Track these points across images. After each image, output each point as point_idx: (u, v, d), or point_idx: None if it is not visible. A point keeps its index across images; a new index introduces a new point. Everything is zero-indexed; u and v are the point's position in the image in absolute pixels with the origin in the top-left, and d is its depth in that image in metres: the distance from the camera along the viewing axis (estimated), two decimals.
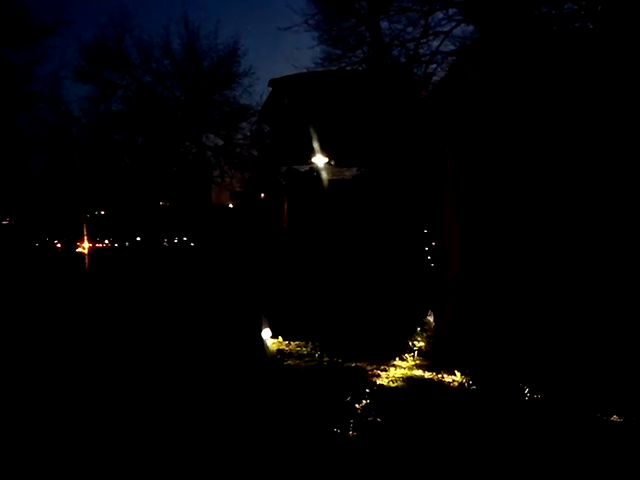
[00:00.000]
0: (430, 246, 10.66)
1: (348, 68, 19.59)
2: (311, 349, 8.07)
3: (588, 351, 6.47)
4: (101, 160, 27.05)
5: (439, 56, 17.42)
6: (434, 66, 17.58)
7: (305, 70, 18.96)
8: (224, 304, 10.60)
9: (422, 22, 17.78)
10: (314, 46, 21.13)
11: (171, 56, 26.66)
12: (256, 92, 26.68)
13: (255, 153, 25.37)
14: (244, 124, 26.69)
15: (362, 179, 12.38)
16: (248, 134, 26.59)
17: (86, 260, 21.84)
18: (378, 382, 6.50)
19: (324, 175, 11.81)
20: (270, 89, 13.25)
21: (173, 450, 4.67)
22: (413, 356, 7.50)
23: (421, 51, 18.24)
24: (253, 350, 7.94)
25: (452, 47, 17.15)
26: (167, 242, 25.35)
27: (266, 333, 8.46)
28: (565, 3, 13.86)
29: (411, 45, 18.43)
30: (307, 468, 4.39)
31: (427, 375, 6.81)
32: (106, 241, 26.18)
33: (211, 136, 27.38)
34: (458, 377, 6.50)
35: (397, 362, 7.32)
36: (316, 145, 11.44)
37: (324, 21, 19.76)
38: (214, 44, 26.52)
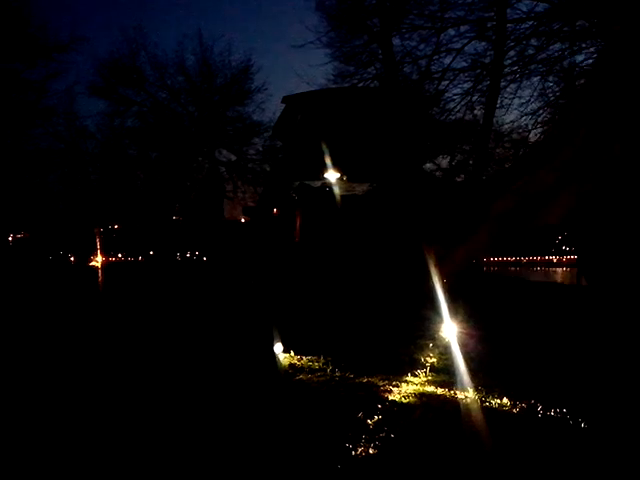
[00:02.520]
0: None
1: (360, 85, 19.75)
2: (323, 364, 8.05)
3: None
4: (115, 175, 27.36)
5: (451, 73, 17.51)
6: (446, 82, 17.64)
7: (318, 87, 19.17)
8: (237, 318, 10.63)
9: (434, 39, 17.90)
10: (326, 63, 21.39)
11: (185, 72, 27.08)
12: (269, 108, 27.22)
13: (267, 168, 25.58)
14: (257, 140, 27.03)
15: (374, 194, 12.44)
16: (261, 149, 26.90)
17: (99, 273, 21.98)
18: (390, 398, 6.48)
19: (336, 190, 11.86)
20: (283, 106, 13.40)
21: (183, 470, 4.69)
22: (425, 372, 7.47)
23: (433, 68, 18.35)
24: (265, 364, 7.95)
25: (464, 64, 17.27)
26: (180, 256, 25.48)
27: (278, 348, 8.48)
28: (577, 20, 13.96)
29: (423, 62, 18.55)
30: None
31: (439, 391, 6.78)
32: (119, 255, 26.35)
33: (224, 151, 27.70)
34: (470, 394, 6.48)
35: (409, 378, 7.30)
36: (328, 161, 11.51)
37: (337, 38, 20.00)
38: (227, 61, 26.97)
